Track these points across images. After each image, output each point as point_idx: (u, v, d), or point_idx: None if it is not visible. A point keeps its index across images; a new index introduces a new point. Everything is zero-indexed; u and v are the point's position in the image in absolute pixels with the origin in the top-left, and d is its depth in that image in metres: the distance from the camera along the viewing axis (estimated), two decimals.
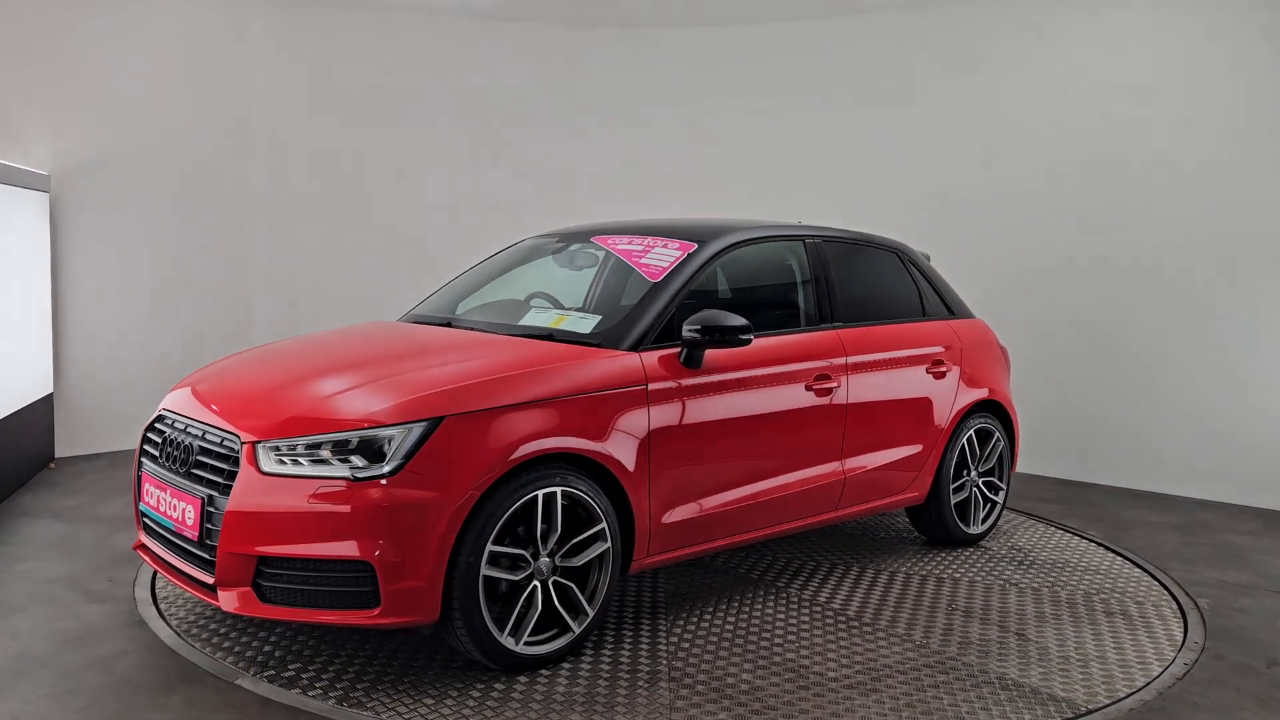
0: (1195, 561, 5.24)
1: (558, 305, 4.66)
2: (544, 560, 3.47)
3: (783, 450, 4.33)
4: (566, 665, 3.61)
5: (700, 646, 3.86)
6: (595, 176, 8.20)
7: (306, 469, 3.23)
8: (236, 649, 3.69)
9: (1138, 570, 5.07)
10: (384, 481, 3.17)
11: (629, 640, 3.89)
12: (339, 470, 3.20)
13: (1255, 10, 6.23)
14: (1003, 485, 5.41)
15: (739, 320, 3.86)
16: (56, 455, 6.66)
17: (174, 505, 3.50)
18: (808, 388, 4.37)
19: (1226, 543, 5.61)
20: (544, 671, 3.54)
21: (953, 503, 5.14)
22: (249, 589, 3.25)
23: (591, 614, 3.63)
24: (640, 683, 3.51)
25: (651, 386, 3.84)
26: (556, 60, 8.17)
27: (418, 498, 3.19)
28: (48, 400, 6.45)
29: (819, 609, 4.34)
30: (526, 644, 3.46)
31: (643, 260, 4.37)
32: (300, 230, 7.65)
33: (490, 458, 3.31)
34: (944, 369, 5.03)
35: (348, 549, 3.14)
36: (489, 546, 3.30)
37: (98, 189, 6.74)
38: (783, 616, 4.22)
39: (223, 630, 3.84)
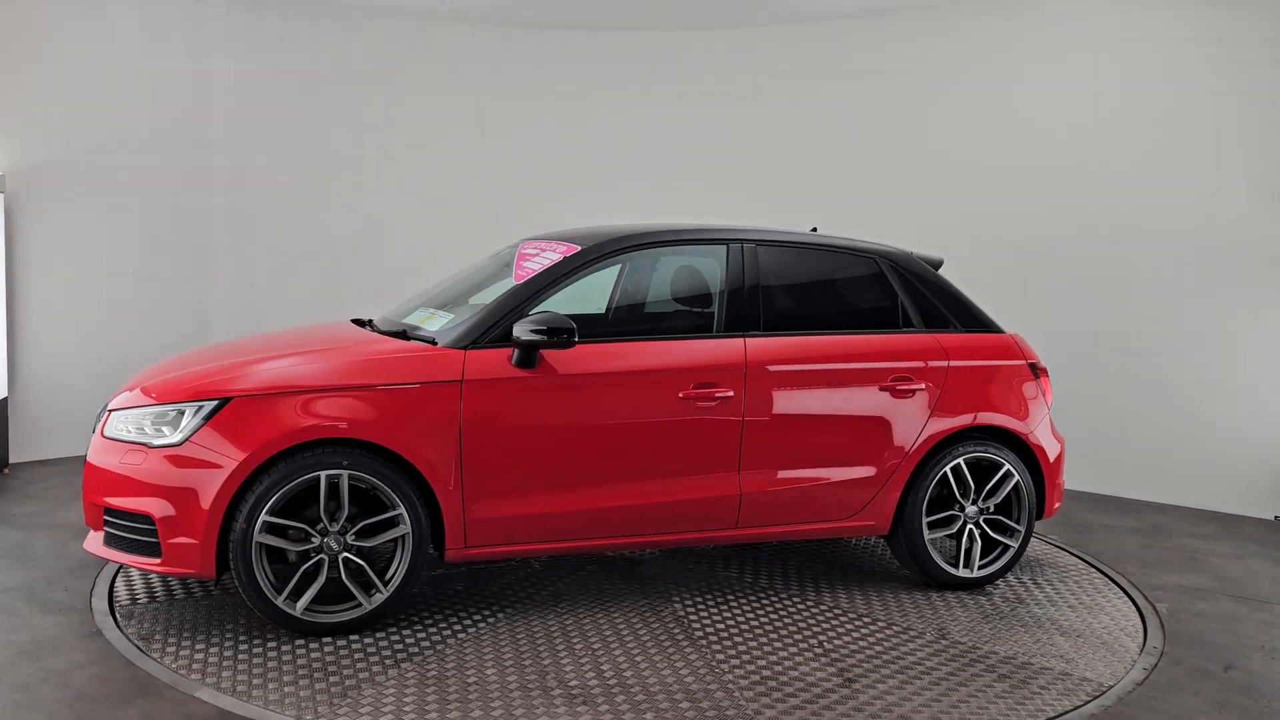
0: (1154, 565, 5.34)
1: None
2: (332, 536, 3.80)
3: (641, 458, 4.23)
4: (375, 637, 3.86)
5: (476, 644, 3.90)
6: (572, 180, 8.12)
7: (129, 435, 3.85)
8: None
9: (1098, 574, 5.16)
10: (171, 449, 3.73)
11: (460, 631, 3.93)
12: (146, 438, 3.80)
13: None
14: (1018, 527, 4.81)
15: (566, 323, 3.96)
16: (10, 460, 6.54)
17: None
18: (686, 396, 4.26)
19: (1184, 546, 5.72)
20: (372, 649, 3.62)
21: (928, 539, 4.69)
22: (101, 534, 3.90)
23: (386, 592, 3.90)
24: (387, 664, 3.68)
25: (468, 383, 3.96)
26: (526, 63, 8.10)
27: (195, 465, 3.70)
28: (1, 404, 6.32)
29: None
30: (310, 611, 3.81)
31: (526, 264, 4.45)
32: (260, 233, 7.56)
33: (266, 437, 3.69)
34: (911, 387, 4.62)
35: (138, 504, 3.73)
36: (264, 516, 3.71)
37: (54, 190, 6.62)
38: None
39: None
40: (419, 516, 3.92)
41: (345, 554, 3.85)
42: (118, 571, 4.50)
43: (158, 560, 3.73)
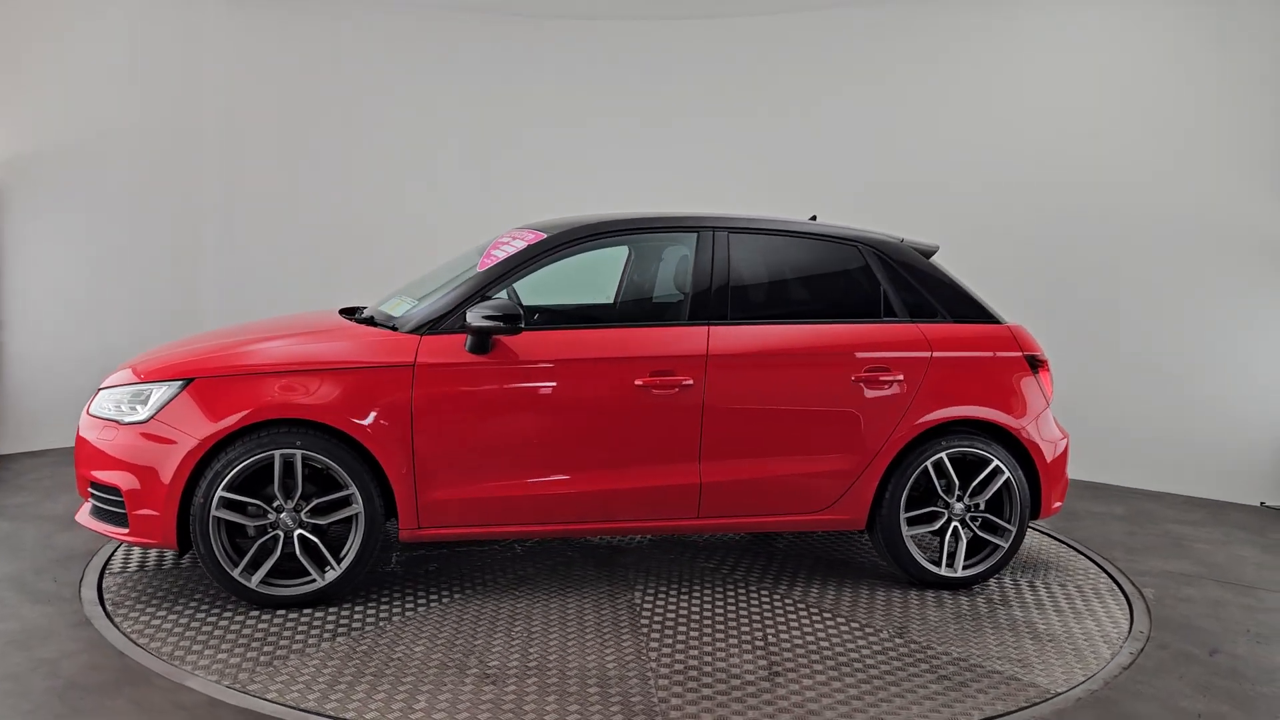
0: (1140, 551, 5.35)
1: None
2: (287, 514, 3.96)
3: (595, 445, 4.24)
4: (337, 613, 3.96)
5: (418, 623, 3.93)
6: (569, 172, 8.04)
7: (108, 412, 4.08)
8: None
9: (1085, 560, 5.16)
10: (138, 426, 3.96)
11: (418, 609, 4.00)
12: (120, 415, 4.02)
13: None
14: (1009, 526, 4.61)
15: (514, 309, 4.02)
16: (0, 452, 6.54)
17: None
18: (642, 384, 4.24)
19: (1171, 533, 5.74)
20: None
21: (907, 535, 4.53)
22: (88, 505, 4.14)
23: (339, 569, 4.03)
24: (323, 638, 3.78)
25: (420, 368, 4.06)
26: (520, 54, 8.01)
27: (157, 441, 3.91)
28: None
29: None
30: (265, 584, 3.99)
31: (494, 252, 4.50)
32: (252, 226, 7.58)
33: (222, 416, 3.89)
34: (888, 378, 4.47)
35: (110, 477, 3.97)
36: (221, 492, 3.88)
37: (43, 182, 6.57)
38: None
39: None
40: (371, 496, 4.04)
41: (300, 531, 4.01)
42: (107, 562, 4.56)
43: (126, 530, 3.97)
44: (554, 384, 4.23)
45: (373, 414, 4.02)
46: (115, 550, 4.71)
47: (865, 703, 3.43)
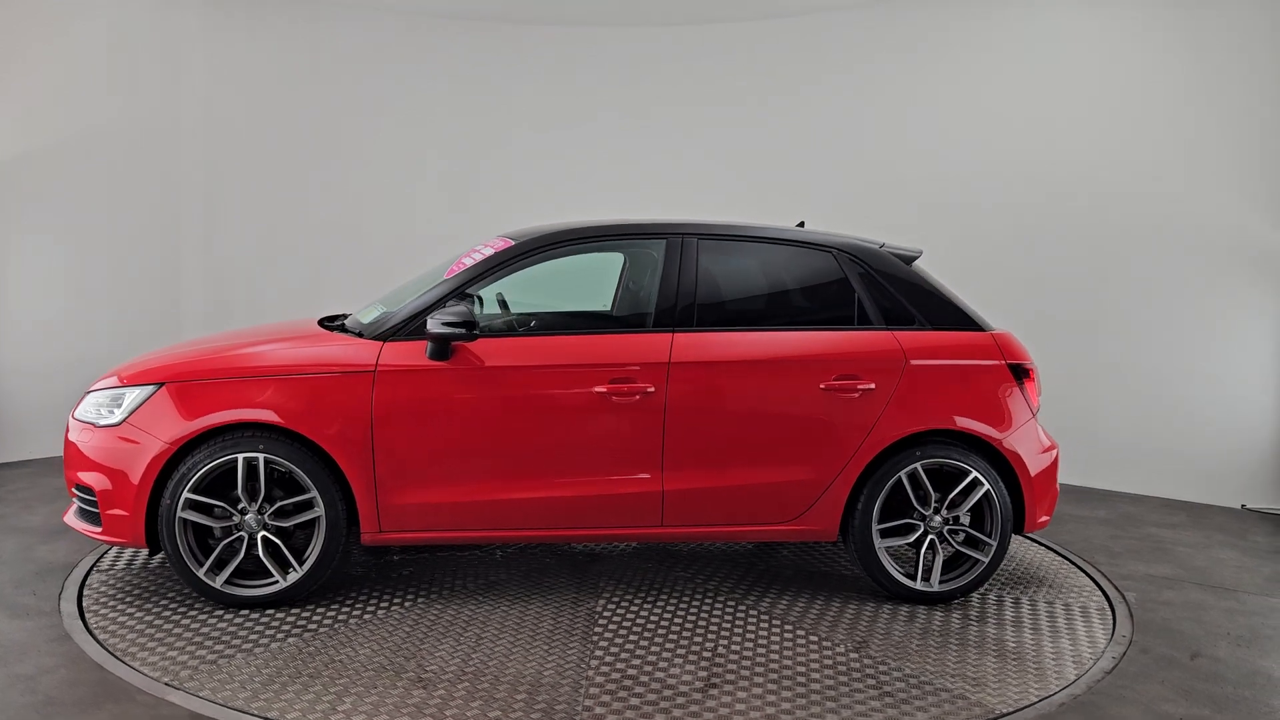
0: (1122, 555, 5.37)
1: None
2: (251, 516, 4.07)
3: (555, 451, 4.24)
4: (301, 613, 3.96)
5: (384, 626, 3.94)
6: (554, 177, 8.03)
7: (88, 415, 4.22)
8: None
9: (1067, 564, 5.17)
10: (112, 428, 4.11)
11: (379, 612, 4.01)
12: (97, 418, 4.17)
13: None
14: (990, 541, 4.46)
15: (468, 316, 4.06)
16: None
17: None
18: (604, 391, 4.21)
19: (1152, 536, 5.76)
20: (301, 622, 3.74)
21: (880, 547, 4.41)
22: (75, 505, 4.28)
23: (301, 571, 4.12)
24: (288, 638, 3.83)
25: (380, 373, 4.12)
26: (505, 59, 7.98)
27: (128, 443, 4.05)
28: None
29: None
30: (230, 584, 4.10)
31: (464, 259, 4.54)
32: (234, 227, 7.55)
33: (186, 420, 4.02)
34: (858, 386, 4.36)
35: (84, 476, 4.13)
36: (186, 494, 4.00)
37: (24, 184, 6.51)
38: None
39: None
40: (333, 500, 4.11)
41: (264, 533, 4.10)
42: (87, 575, 4.52)
43: (99, 529, 4.13)
44: (514, 390, 4.24)
45: (334, 419, 4.09)
46: (96, 561, 4.71)
47: (795, 717, 3.35)
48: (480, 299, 4.75)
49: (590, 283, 5.46)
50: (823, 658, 3.86)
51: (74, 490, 4.27)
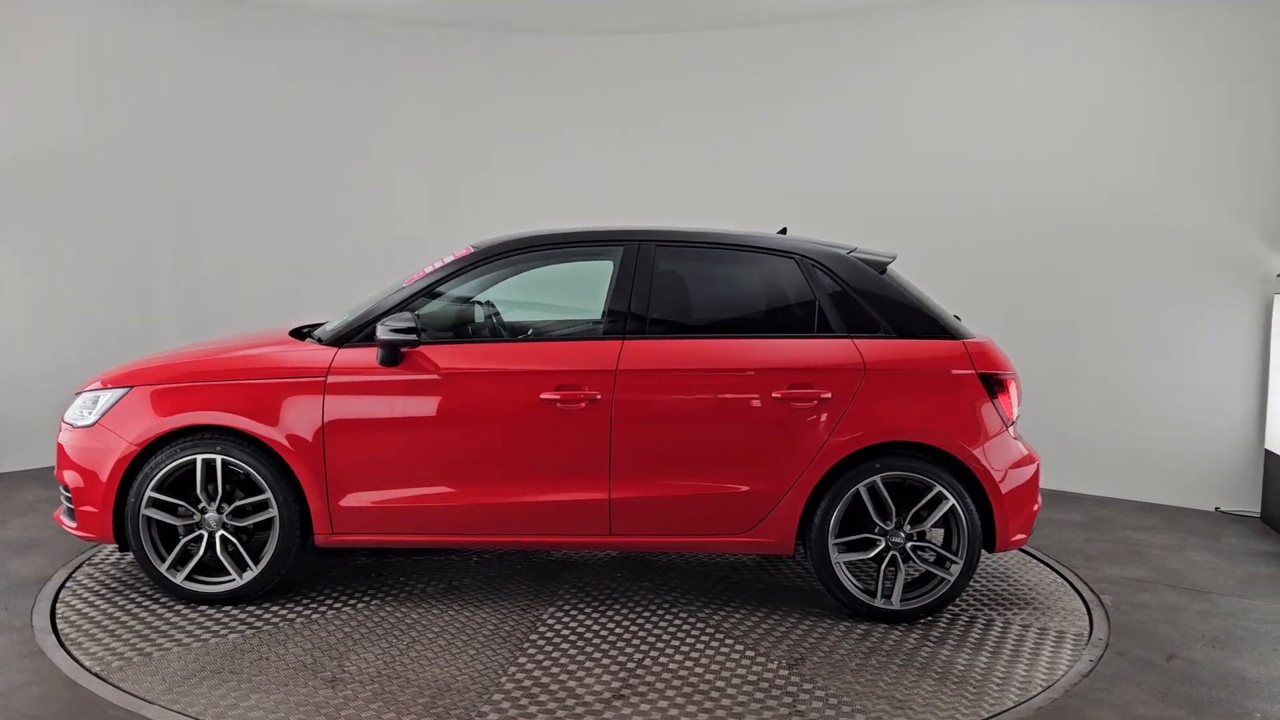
0: (1098, 558, 5.38)
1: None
2: (210, 515, 4.25)
3: (501, 457, 4.27)
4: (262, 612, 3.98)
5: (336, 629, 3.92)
6: (533, 186, 8.01)
7: (75, 417, 4.44)
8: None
9: (1043, 568, 5.19)
10: (86, 429, 4.34)
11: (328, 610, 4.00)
12: (77, 419, 4.41)
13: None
14: (956, 559, 4.28)
15: (412, 323, 4.14)
16: None
17: None
18: (550, 398, 4.21)
19: (1127, 539, 5.77)
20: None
21: (837, 561, 4.28)
22: (62, 506, 4.50)
23: (256, 569, 4.27)
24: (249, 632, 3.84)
25: (331, 379, 4.24)
26: (482, 67, 7.96)
27: (98, 443, 4.29)
28: None
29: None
30: (189, 580, 4.28)
31: (425, 268, 4.60)
32: (206, 240, 7.47)
33: (150, 422, 4.22)
34: (811, 396, 4.24)
35: (65, 475, 4.37)
36: (149, 493, 4.20)
37: None
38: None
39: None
40: (287, 501, 4.23)
41: (222, 532, 4.25)
42: (59, 589, 4.48)
43: (75, 525, 4.36)
44: (462, 396, 4.29)
45: (287, 422, 4.22)
46: (70, 575, 4.67)
47: None
48: (480, 304, 4.87)
49: (589, 289, 5.44)
50: (749, 673, 3.76)
51: (61, 488, 4.51)
